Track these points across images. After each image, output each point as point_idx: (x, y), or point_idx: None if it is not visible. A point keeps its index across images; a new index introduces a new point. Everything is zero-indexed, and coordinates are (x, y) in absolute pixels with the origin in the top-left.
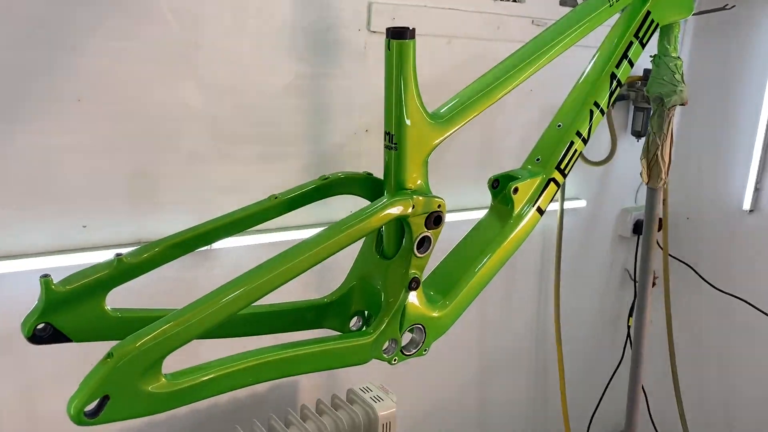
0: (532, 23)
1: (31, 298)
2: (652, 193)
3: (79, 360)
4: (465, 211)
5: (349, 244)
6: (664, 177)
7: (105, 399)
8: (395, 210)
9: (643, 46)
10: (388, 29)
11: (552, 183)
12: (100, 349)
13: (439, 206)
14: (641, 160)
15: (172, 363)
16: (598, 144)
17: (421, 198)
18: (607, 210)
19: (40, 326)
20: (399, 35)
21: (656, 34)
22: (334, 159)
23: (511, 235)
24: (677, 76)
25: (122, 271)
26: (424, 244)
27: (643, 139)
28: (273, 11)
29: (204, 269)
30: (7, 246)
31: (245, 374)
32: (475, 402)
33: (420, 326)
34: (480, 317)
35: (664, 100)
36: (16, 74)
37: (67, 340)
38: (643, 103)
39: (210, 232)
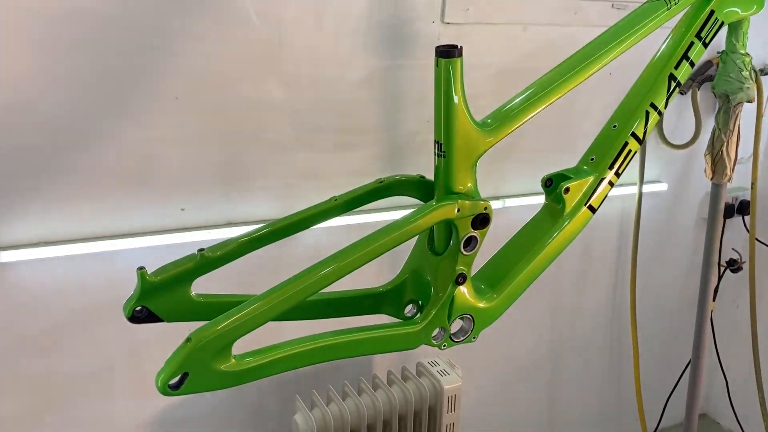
0: (612, 7)
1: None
2: (716, 189)
3: (172, 329)
4: (531, 195)
5: (400, 244)
6: (729, 173)
7: (185, 375)
8: (441, 214)
9: (706, 45)
10: (437, 48)
11: (605, 182)
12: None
13: (485, 209)
14: (705, 156)
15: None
16: (682, 126)
17: (467, 202)
18: (690, 193)
19: (137, 309)
20: (447, 54)
21: (722, 32)
22: (408, 146)
23: (560, 233)
24: (744, 73)
25: (204, 263)
26: (471, 243)
27: None
28: (350, 9)
29: (289, 248)
30: (119, 226)
31: (304, 356)
32: (546, 379)
33: (469, 316)
34: (554, 298)
35: (729, 97)
36: (124, 77)
37: (160, 320)
38: None
39: (278, 230)
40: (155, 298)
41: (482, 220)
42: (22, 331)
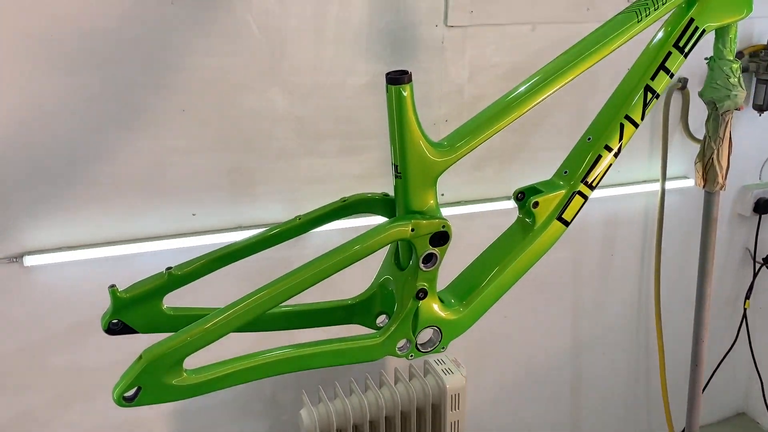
0: (627, 1)
1: (153, 272)
2: (709, 197)
3: None
4: None
5: (355, 263)
6: (721, 182)
7: (139, 389)
8: (394, 234)
9: (686, 55)
10: (387, 75)
11: (578, 196)
12: None
13: (443, 227)
14: (696, 163)
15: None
16: None
17: (423, 221)
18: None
19: (113, 322)
20: (396, 81)
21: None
22: None
23: (530, 247)
24: (732, 80)
25: (171, 281)
26: (431, 259)
27: (767, 113)
28: (350, 17)
29: (297, 249)
30: (135, 231)
31: (261, 369)
32: (569, 377)
33: (436, 328)
34: (574, 295)
35: (716, 105)
36: (135, 92)
37: (135, 332)
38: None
39: (243, 249)
40: (128, 313)
41: (441, 238)
42: (48, 329)
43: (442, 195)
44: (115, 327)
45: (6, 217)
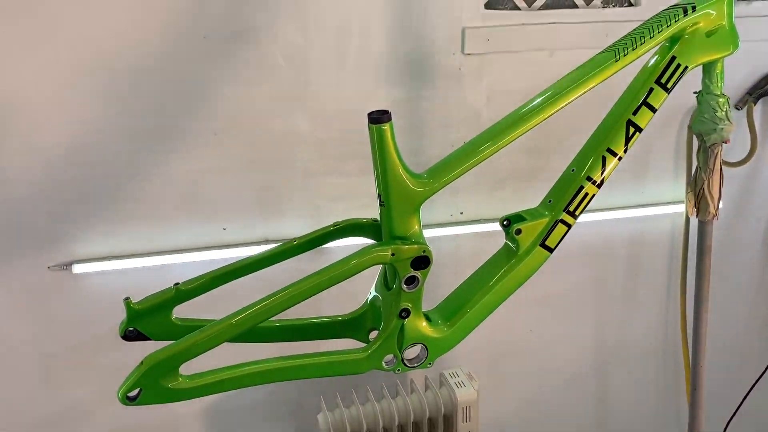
0: None
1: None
2: (702, 226)
3: None
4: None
5: (337, 283)
6: (713, 211)
7: (141, 390)
8: (375, 258)
9: (668, 91)
10: (368, 115)
11: (560, 224)
12: None
13: (423, 251)
14: (687, 192)
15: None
16: (738, 142)
17: (404, 246)
18: (754, 211)
19: (129, 330)
20: (377, 121)
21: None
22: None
23: (514, 272)
24: (719, 114)
25: (179, 295)
26: (413, 282)
27: None
28: (370, 47)
29: (319, 263)
30: (170, 244)
31: (250, 377)
32: (594, 391)
33: (422, 344)
34: (598, 312)
35: (704, 137)
36: (172, 118)
37: (148, 339)
38: None
39: (243, 268)
40: (142, 322)
41: (422, 262)
42: (94, 330)
43: (461, 213)
44: (131, 334)
45: (59, 229)
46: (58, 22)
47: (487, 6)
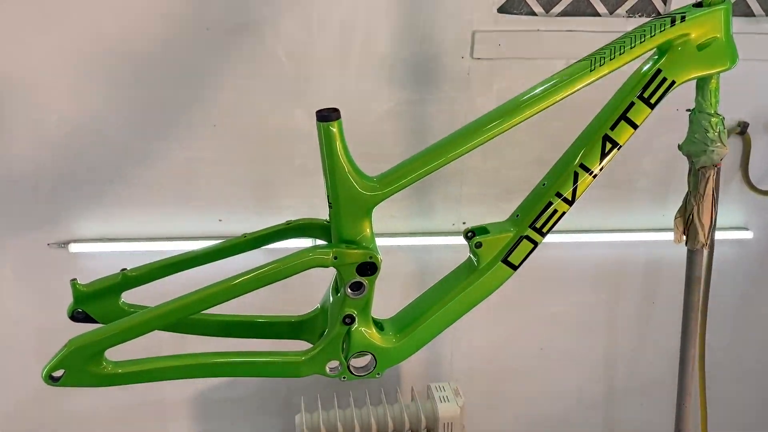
0: None
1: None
2: (691, 255)
3: None
4: (582, 233)
5: (272, 283)
6: (703, 240)
7: (65, 371)
8: (313, 261)
9: (651, 106)
10: (317, 113)
11: (525, 240)
12: None
13: (370, 257)
14: (675, 218)
15: None
16: None
17: (348, 250)
18: None
19: (77, 311)
20: (325, 118)
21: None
22: (434, 175)
23: (471, 288)
24: (711, 135)
25: (126, 281)
26: (359, 288)
27: None
28: (375, 46)
29: None
30: (165, 231)
31: (179, 370)
32: (602, 420)
33: (370, 354)
34: (609, 338)
35: (692, 159)
36: (171, 106)
37: (96, 322)
38: None
39: (192, 259)
40: (90, 305)
41: (369, 268)
42: None
43: (464, 223)
44: (79, 316)
45: (58, 209)
46: (66, 9)
47: (501, 10)
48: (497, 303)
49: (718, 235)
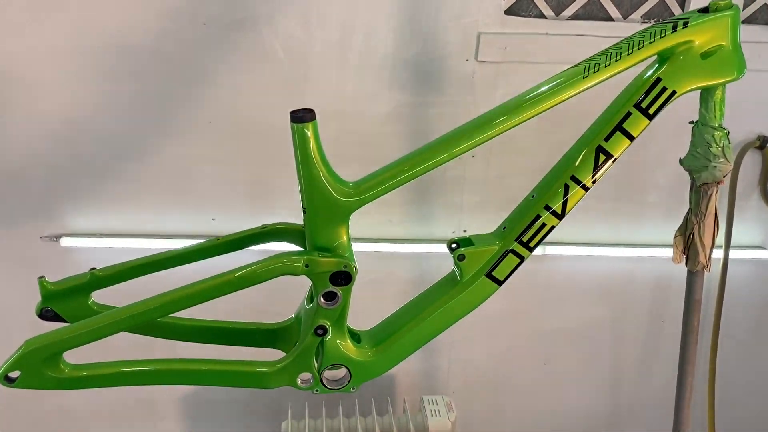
0: None
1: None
2: (691, 277)
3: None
4: (591, 246)
5: (242, 289)
6: (703, 261)
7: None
8: (283, 268)
9: (649, 117)
10: (291, 113)
11: (511, 254)
12: None
13: (344, 266)
14: (675, 237)
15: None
16: None
17: (321, 258)
18: None
19: (45, 309)
20: (299, 120)
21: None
22: (435, 182)
23: (453, 302)
24: (714, 149)
25: (95, 280)
26: (333, 298)
27: None
28: (376, 46)
29: None
30: (158, 228)
31: (141, 376)
32: None
33: (345, 367)
34: (614, 356)
35: (693, 175)
36: (166, 102)
37: (65, 321)
38: None
39: (163, 261)
40: (58, 303)
41: (343, 278)
42: None
43: (464, 231)
44: (48, 314)
45: (50, 202)
46: (61, 2)
47: (509, 12)
48: (499, 314)
49: (733, 254)
